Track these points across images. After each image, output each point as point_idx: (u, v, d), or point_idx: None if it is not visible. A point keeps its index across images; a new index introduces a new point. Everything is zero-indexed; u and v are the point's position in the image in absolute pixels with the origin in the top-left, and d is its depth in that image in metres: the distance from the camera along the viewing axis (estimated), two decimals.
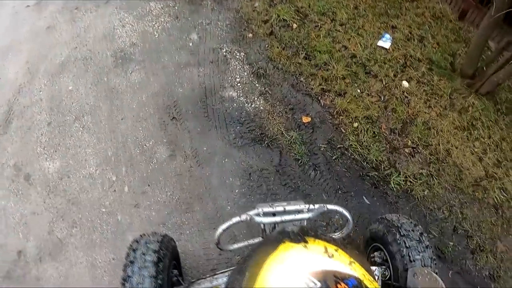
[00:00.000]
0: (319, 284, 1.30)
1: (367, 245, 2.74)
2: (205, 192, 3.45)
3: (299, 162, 3.61)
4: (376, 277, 2.40)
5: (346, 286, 1.32)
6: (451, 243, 3.49)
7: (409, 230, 2.40)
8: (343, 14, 4.65)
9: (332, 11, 4.70)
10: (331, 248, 1.61)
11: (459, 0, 4.74)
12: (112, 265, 3.04)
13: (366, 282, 1.44)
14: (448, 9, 4.88)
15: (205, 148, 3.71)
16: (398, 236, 2.36)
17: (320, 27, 4.50)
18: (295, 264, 1.48)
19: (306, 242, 1.63)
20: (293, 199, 3.37)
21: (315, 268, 1.41)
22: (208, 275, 2.45)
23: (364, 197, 3.47)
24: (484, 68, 4.14)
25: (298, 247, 1.59)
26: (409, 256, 2.26)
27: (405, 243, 2.31)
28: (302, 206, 2.12)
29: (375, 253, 2.57)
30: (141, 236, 2.34)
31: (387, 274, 2.42)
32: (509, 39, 3.87)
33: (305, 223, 2.13)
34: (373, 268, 2.43)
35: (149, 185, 3.47)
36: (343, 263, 1.53)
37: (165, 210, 3.32)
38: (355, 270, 1.52)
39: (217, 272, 2.46)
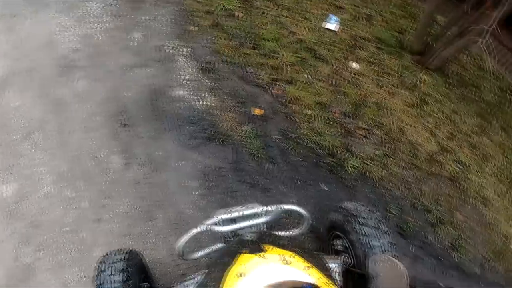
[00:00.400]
0: None
1: (329, 232, 2.73)
2: (165, 198, 3.36)
3: (255, 156, 3.53)
4: (338, 266, 2.38)
5: None
6: (411, 219, 3.52)
7: (366, 218, 2.41)
8: None
9: None
10: (288, 255, 1.68)
11: None
12: (84, 283, 2.91)
13: (323, 286, 1.53)
14: None
15: (159, 153, 3.59)
16: (356, 225, 2.37)
17: (266, 13, 4.38)
18: (253, 278, 1.54)
19: (263, 251, 1.70)
20: (252, 195, 3.32)
21: (272, 280, 1.48)
22: (176, 282, 2.43)
23: (322, 184, 3.43)
24: (434, 44, 4.14)
25: (255, 259, 1.65)
26: (368, 244, 2.27)
27: (363, 231, 2.32)
28: (259, 209, 2.13)
29: (337, 241, 2.56)
30: (105, 255, 2.30)
31: (350, 261, 2.39)
32: (458, 13, 3.86)
33: (264, 227, 2.15)
34: (335, 256, 2.44)
35: (108, 198, 3.34)
36: (300, 269, 1.60)
37: (127, 221, 3.22)
38: (312, 275, 1.60)
39: (185, 279, 2.42)
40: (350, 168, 3.49)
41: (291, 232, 2.40)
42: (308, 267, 1.64)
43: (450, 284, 3.55)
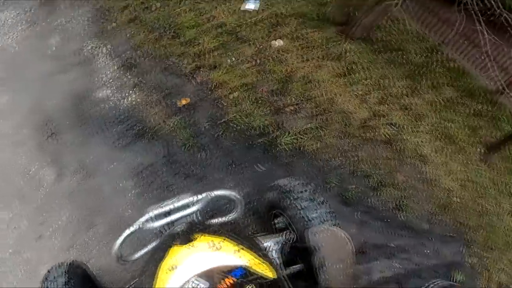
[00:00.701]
0: (207, 284, 1.46)
1: (268, 212, 2.71)
2: (102, 203, 3.30)
3: (186, 146, 3.48)
4: (275, 244, 2.37)
5: (233, 279, 1.49)
6: (352, 186, 3.55)
7: (301, 192, 2.40)
8: None
9: None
10: (217, 240, 1.76)
11: None
12: None
13: (255, 267, 1.63)
14: None
15: (90, 158, 3.51)
16: (291, 200, 2.36)
17: (184, 1, 4.28)
18: (184, 268, 1.60)
19: (192, 240, 1.75)
20: (188, 186, 3.29)
21: (202, 268, 1.56)
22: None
23: (257, 165, 3.40)
24: (356, 13, 4.17)
25: (185, 249, 1.71)
26: (307, 217, 2.27)
27: (299, 205, 2.32)
28: (189, 199, 2.13)
29: (278, 219, 2.55)
30: (47, 272, 2.30)
31: (292, 237, 2.37)
32: None
33: (197, 215, 2.16)
34: (276, 234, 2.44)
35: (46, 213, 3.28)
36: (230, 253, 1.69)
37: (68, 233, 3.18)
38: (243, 256, 1.69)
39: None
40: (284, 145, 3.48)
41: (226, 218, 2.36)
42: (238, 250, 1.71)
43: (401, 243, 3.62)
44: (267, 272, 1.69)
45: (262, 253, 1.86)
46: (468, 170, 4.67)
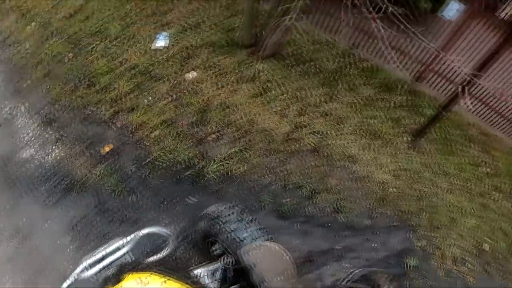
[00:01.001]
0: None
1: (205, 241, 2.79)
2: (43, 263, 3.26)
3: (116, 192, 3.54)
4: (220, 269, 2.47)
5: None
6: (287, 200, 3.72)
7: (228, 215, 2.51)
8: (116, 26, 4.56)
9: (104, 27, 4.58)
10: (144, 276, 1.81)
11: None
12: None
13: None
14: None
15: (24, 220, 3.47)
16: (220, 225, 2.46)
17: (95, 48, 4.34)
18: None
19: (120, 281, 1.83)
20: (123, 231, 3.26)
21: None
22: None
23: (189, 198, 3.50)
24: (263, 33, 4.37)
25: None
26: (238, 238, 2.37)
27: (229, 228, 2.42)
28: (119, 242, 2.17)
29: (214, 246, 2.62)
30: None
31: (230, 260, 2.44)
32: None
33: (130, 255, 2.19)
34: (213, 262, 2.52)
35: None
36: (158, 285, 1.76)
37: None
38: (170, 286, 1.77)
39: None
40: (211, 174, 3.61)
41: (161, 254, 2.40)
42: (165, 281, 1.78)
43: (347, 243, 3.81)
44: None
45: (191, 281, 1.95)
46: (398, 159, 4.98)
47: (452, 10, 6.15)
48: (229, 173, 3.65)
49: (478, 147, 6.74)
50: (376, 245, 4.16)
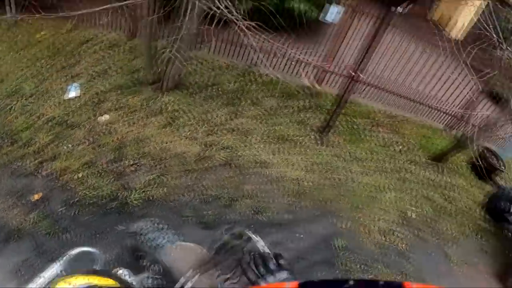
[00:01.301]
0: None
1: (133, 257, 3.06)
2: None
3: (51, 234, 3.93)
4: (151, 279, 2.82)
5: None
6: (208, 212, 4.29)
7: (146, 227, 2.67)
8: (30, 84, 4.97)
9: (19, 86, 4.97)
10: (70, 279, 1.89)
11: (129, 23, 5.47)
12: None
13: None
14: (118, 34, 5.60)
15: None
16: (141, 237, 2.62)
17: (13, 107, 4.74)
18: None
19: None
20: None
21: None
22: None
23: (118, 226, 3.99)
24: (165, 69, 4.98)
25: None
26: (157, 245, 2.48)
27: (148, 238, 2.57)
28: (53, 266, 2.12)
29: (142, 260, 2.89)
30: None
31: (157, 268, 2.72)
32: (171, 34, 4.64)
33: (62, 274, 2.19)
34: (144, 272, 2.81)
35: None
36: (84, 281, 1.68)
37: None
38: (95, 279, 1.69)
39: None
40: (134, 201, 4.14)
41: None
42: (89, 278, 1.70)
43: (273, 239, 4.34)
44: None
45: (115, 277, 2.08)
46: (309, 156, 5.67)
47: (333, 13, 6.91)
48: (151, 198, 4.20)
49: (386, 130, 7.62)
50: (301, 235, 4.66)
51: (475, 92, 6.67)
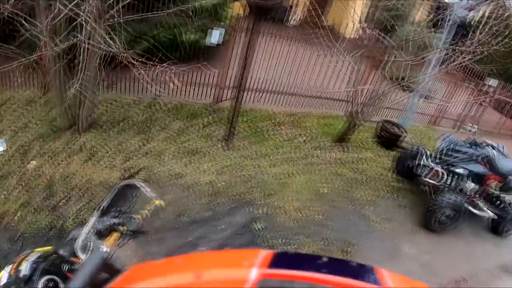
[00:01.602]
0: None
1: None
2: None
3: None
4: None
5: None
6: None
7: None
8: None
9: None
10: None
11: (41, 79, 6.28)
12: None
13: None
14: (33, 91, 6.42)
15: None
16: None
17: None
18: None
19: None
20: None
21: None
22: None
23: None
24: (79, 113, 5.89)
25: None
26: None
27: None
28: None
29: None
30: None
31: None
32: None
33: None
34: None
35: None
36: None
37: None
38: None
39: None
40: (70, 227, 4.99)
41: None
42: None
43: (196, 234, 5.20)
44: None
45: None
46: (218, 161, 6.70)
47: (216, 36, 7.61)
48: (83, 221, 5.09)
49: (289, 127, 8.82)
50: (223, 226, 5.41)
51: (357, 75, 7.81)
